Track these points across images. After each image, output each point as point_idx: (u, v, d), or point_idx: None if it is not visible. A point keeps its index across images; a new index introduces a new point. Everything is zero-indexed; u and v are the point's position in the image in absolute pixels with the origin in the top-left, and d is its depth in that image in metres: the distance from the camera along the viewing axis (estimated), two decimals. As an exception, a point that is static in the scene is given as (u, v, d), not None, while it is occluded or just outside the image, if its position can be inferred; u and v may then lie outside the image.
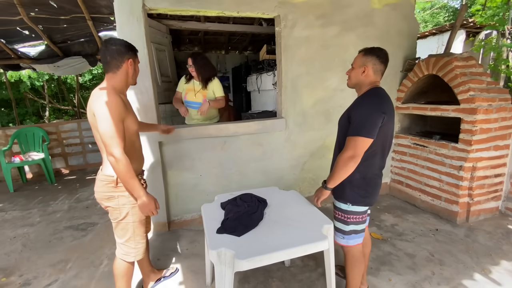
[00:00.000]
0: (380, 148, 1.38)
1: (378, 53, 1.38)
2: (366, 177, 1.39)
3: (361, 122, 1.29)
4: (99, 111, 1.23)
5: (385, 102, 1.35)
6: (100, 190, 1.40)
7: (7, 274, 2.00)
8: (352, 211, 1.43)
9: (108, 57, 1.31)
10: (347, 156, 1.31)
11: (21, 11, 2.87)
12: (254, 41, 4.90)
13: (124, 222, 1.43)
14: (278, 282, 1.85)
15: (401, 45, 3.02)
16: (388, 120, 1.33)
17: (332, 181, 1.39)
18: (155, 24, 3.21)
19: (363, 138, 1.28)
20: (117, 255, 1.51)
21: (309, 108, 2.81)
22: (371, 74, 1.39)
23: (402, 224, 2.57)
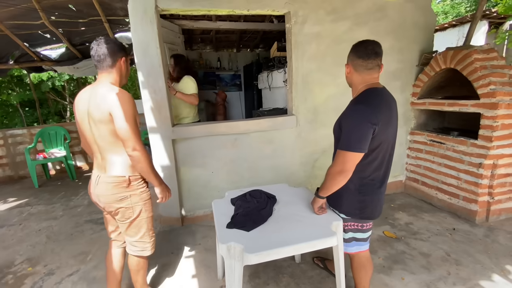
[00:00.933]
0: (377, 157, 1.27)
1: (356, 48, 1.25)
2: (361, 189, 1.30)
3: (350, 135, 1.20)
4: (118, 106, 1.22)
5: (377, 109, 1.20)
6: (109, 193, 1.35)
7: (33, 264, 2.14)
8: (350, 219, 1.38)
9: (101, 55, 1.29)
10: (336, 171, 1.24)
11: (42, 15, 3.01)
12: (265, 38, 4.89)
13: (138, 220, 1.43)
14: (289, 278, 1.86)
15: (417, 38, 2.92)
16: (384, 127, 1.21)
17: (323, 191, 1.35)
18: (168, 24, 3.27)
19: (352, 153, 1.19)
20: (132, 253, 1.51)
21: (320, 104, 2.78)
22: (353, 72, 1.28)
23: (417, 223, 2.51)
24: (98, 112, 1.25)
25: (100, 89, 1.28)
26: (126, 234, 1.47)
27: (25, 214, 3.07)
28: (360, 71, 1.26)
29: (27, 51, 3.73)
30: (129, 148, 1.26)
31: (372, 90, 1.25)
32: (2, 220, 2.96)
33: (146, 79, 2.28)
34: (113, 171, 1.34)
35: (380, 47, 1.25)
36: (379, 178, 1.33)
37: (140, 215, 1.43)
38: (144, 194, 1.42)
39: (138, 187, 1.39)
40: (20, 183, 4.19)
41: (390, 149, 1.33)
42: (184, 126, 2.46)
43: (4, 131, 4.31)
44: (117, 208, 1.38)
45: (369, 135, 1.18)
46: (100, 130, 1.29)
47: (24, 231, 2.69)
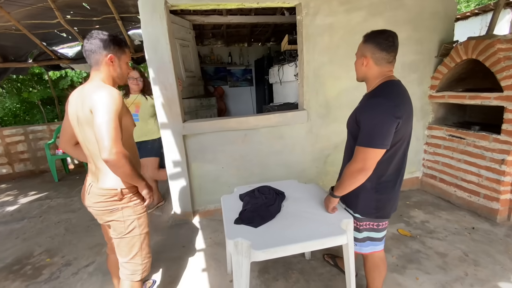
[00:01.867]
0: (396, 153, 1.21)
1: (377, 39, 1.15)
2: (378, 188, 1.24)
3: (372, 130, 1.11)
4: (99, 102, 1.07)
5: (400, 102, 1.14)
6: (99, 205, 1.22)
7: (51, 255, 2.23)
8: (365, 218, 1.33)
9: (87, 51, 1.18)
10: (356, 169, 1.16)
11: (58, 14, 3.09)
12: (276, 31, 4.82)
13: (129, 236, 1.26)
14: (298, 274, 1.85)
15: (436, 28, 2.77)
16: (405, 122, 1.15)
17: (339, 190, 1.28)
18: (178, 20, 3.28)
19: (375, 150, 1.11)
20: (122, 277, 1.33)
21: (332, 99, 2.71)
22: (372, 65, 1.19)
23: (434, 221, 2.42)
24: (82, 112, 1.13)
25: (87, 87, 1.16)
26: (117, 252, 1.31)
27: (45, 207, 3.20)
28: (381, 64, 1.18)
29: (45, 50, 3.85)
30: (103, 151, 1.04)
31: (390, 82, 1.19)
32: (23, 212, 3.11)
33: (156, 75, 2.29)
34: (105, 183, 1.21)
35: (397, 38, 1.19)
36: (397, 176, 1.27)
37: (133, 231, 1.26)
38: (138, 207, 1.28)
39: (131, 199, 1.25)
40: (40, 177, 4.39)
41: (406, 145, 1.26)
42: (194, 122, 2.47)
43: (25, 127, 4.50)
44: (107, 221, 1.26)
45: (392, 130, 1.11)
46: (87, 133, 1.16)
47: (44, 223, 2.81)
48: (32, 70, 6.60)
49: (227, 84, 5.42)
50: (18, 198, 3.56)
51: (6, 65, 3.97)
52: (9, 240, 2.50)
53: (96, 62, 1.20)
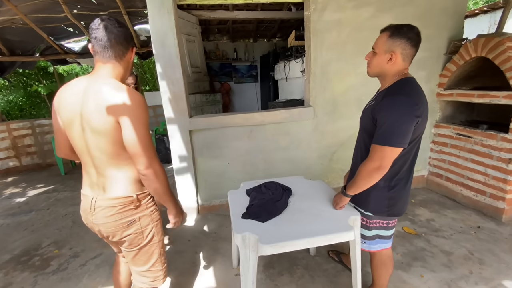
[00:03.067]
0: (410, 152, 1.19)
1: (409, 34, 1.09)
2: (391, 186, 1.23)
3: (391, 129, 1.08)
4: (131, 112, 0.95)
5: (419, 101, 1.10)
6: (113, 220, 1.05)
7: (59, 246, 2.27)
8: (376, 216, 1.32)
9: (111, 40, 0.98)
10: (372, 168, 1.14)
11: (65, 8, 3.10)
12: (283, 27, 4.78)
13: (149, 246, 1.15)
14: (303, 270, 1.86)
15: (445, 25, 2.73)
16: (423, 121, 1.13)
17: (353, 189, 1.26)
18: (185, 15, 3.27)
19: (392, 148, 1.09)
20: (141, 285, 1.23)
21: (339, 95, 2.70)
22: (399, 62, 1.13)
23: (439, 219, 2.41)
24: (100, 118, 0.96)
25: (102, 86, 0.97)
26: (133, 263, 1.18)
27: (52, 200, 3.25)
28: (407, 61, 1.14)
29: (52, 44, 3.87)
30: (141, 165, 0.98)
31: (409, 80, 1.16)
32: (31, 205, 3.15)
33: (164, 70, 2.30)
34: (116, 191, 1.04)
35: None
36: (409, 174, 1.26)
37: (152, 240, 1.15)
38: (155, 214, 1.16)
39: (147, 206, 1.12)
40: (47, 171, 4.44)
41: (420, 139, 1.24)
42: (201, 117, 2.48)
43: (32, 121, 4.55)
44: (123, 237, 1.09)
45: (411, 129, 1.09)
46: (100, 140, 0.99)
47: (51, 215, 2.85)
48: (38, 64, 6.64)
49: (232, 80, 5.41)
50: (25, 190, 3.61)
51: (13, 59, 4.00)
52: (17, 232, 2.55)
53: (119, 54, 1.01)
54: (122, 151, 1.01)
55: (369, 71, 1.25)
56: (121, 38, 1.01)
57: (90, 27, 0.99)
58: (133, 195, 1.06)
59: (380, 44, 1.17)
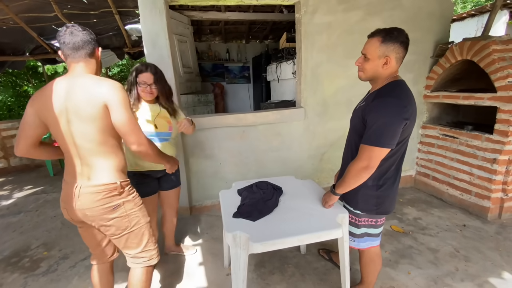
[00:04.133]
0: (398, 152, 1.23)
1: (401, 38, 1.13)
2: (379, 185, 1.26)
3: (380, 130, 1.12)
4: (116, 95, 1.07)
5: (408, 103, 1.14)
6: (97, 204, 1.13)
7: (48, 248, 2.24)
8: (364, 215, 1.36)
9: (79, 41, 1.09)
10: (361, 167, 1.18)
11: (56, 8, 3.06)
12: (275, 29, 4.83)
13: (137, 228, 1.25)
14: (294, 268, 1.89)
15: (432, 29, 2.82)
16: (411, 122, 1.16)
17: (342, 188, 1.30)
18: (177, 15, 3.27)
19: (381, 149, 1.13)
20: (137, 267, 1.31)
21: (329, 97, 2.74)
22: (393, 65, 1.16)
23: (426, 218, 2.48)
24: (88, 107, 1.06)
25: (85, 79, 1.09)
26: (127, 247, 1.27)
27: (41, 201, 3.20)
28: (399, 63, 1.18)
29: (42, 43, 3.81)
30: (134, 144, 1.12)
31: (399, 82, 1.19)
32: (19, 206, 3.10)
33: (155, 71, 2.29)
34: (101, 179, 1.13)
35: None
36: (397, 173, 1.30)
37: (139, 222, 1.25)
38: (137, 199, 1.26)
39: (129, 192, 1.22)
40: (36, 172, 4.36)
41: (408, 140, 1.28)
42: (193, 118, 2.48)
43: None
44: (110, 219, 1.17)
45: (399, 131, 1.13)
46: (87, 129, 1.09)
47: (40, 217, 2.81)
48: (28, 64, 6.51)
49: (224, 80, 5.42)
50: (14, 192, 3.54)
51: (4, 59, 3.93)
52: (6, 233, 2.50)
53: (88, 53, 1.12)
54: (108, 137, 1.13)
55: (362, 75, 1.27)
56: (86, 39, 1.12)
57: (58, 35, 1.10)
58: (117, 182, 1.16)
59: (373, 50, 1.18)
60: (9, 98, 7.29)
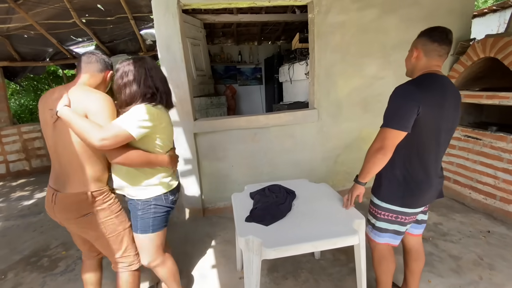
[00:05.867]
0: (429, 144, 1.21)
1: (430, 32, 1.20)
2: (406, 177, 1.25)
3: (390, 112, 1.20)
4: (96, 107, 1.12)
5: (425, 89, 1.15)
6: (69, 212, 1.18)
7: (67, 248, 2.31)
8: (384, 208, 1.31)
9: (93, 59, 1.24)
10: (375, 148, 1.23)
11: (74, 14, 3.17)
12: (287, 30, 4.79)
13: (114, 235, 1.26)
14: (307, 274, 1.85)
15: (452, 26, 2.61)
16: (432, 110, 1.15)
17: (362, 175, 1.31)
18: (190, 19, 3.31)
19: (391, 130, 1.17)
20: (120, 270, 1.35)
21: (344, 97, 2.68)
22: (422, 57, 1.22)
23: (447, 223, 2.37)
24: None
25: (76, 91, 1.16)
26: (106, 252, 1.32)
27: (61, 202, 3.30)
28: (431, 56, 1.21)
29: (61, 49, 3.96)
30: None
31: (428, 74, 1.21)
32: (40, 206, 3.21)
33: (169, 74, 2.32)
34: (74, 188, 1.17)
35: (452, 35, 1.21)
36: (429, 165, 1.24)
37: (117, 229, 1.27)
38: (114, 206, 1.27)
39: (104, 200, 1.23)
40: (56, 173, 4.51)
41: (445, 140, 1.25)
42: (205, 120, 2.50)
43: (42, 124, 4.64)
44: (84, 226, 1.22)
45: (411, 113, 1.14)
46: (66, 137, 1.13)
47: (60, 217, 2.90)
48: (48, 69, 6.80)
49: (236, 82, 5.43)
50: (35, 192, 3.68)
51: (25, 64, 4.11)
52: (27, 233, 2.60)
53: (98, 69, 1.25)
54: (85, 148, 1.16)
55: (406, 71, 1.36)
56: (101, 59, 1.26)
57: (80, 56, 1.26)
58: (88, 192, 1.18)
59: (411, 46, 1.29)
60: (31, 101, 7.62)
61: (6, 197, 3.58)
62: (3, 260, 2.18)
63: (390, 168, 1.26)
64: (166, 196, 1.33)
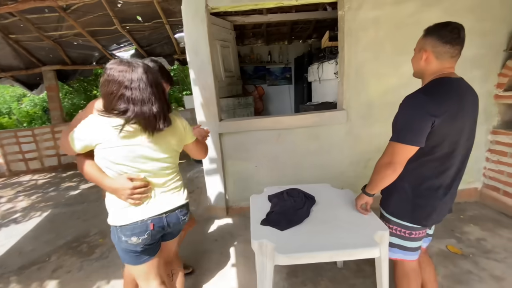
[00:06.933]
0: (440, 157, 1.11)
1: (440, 31, 1.06)
2: (417, 190, 1.16)
3: (402, 125, 1.08)
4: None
5: (441, 98, 1.04)
6: None
7: (103, 236, 2.52)
8: (395, 222, 1.23)
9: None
10: (384, 162, 1.14)
11: (116, 22, 3.44)
12: (318, 27, 4.65)
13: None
14: (328, 282, 1.78)
15: (505, 18, 2.38)
16: (450, 121, 1.04)
17: (370, 186, 1.25)
18: (220, 21, 3.38)
19: (402, 145, 1.07)
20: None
21: (376, 98, 2.52)
22: (433, 60, 1.09)
23: (493, 239, 2.10)
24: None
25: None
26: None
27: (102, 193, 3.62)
28: (443, 59, 1.08)
29: (105, 53, 4.33)
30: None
31: (442, 79, 1.09)
32: (83, 197, 3.56)
33: (196, 76, 2.41)
34: None
35: (465, 32, 1.07)
36: (444, 184, 1.14)
37: None
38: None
39: None
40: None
41: (463, 151, 1.13)
42: (230, 121, 2.54)
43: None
44: None
45: (425, 127, 1.04)
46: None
47: (100, 207, 3.17)
48: (95, 71, 7.49)
49: (265, 82, 5.42)
50: (80, 184, 4.08)
51: (75, 67, 4.58)
52: (72, 220, 2.89)
53: None
54: None
55: (413, 72, 1.24)
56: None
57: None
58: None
59: (417, 44, 1.16)
60: (82, 101, 8.46)
61: (56, 187, 4.03)
62: (50, 244, 2.45)
63: (399, 181, 1.16)
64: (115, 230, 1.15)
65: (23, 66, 4.42)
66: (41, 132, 4.84)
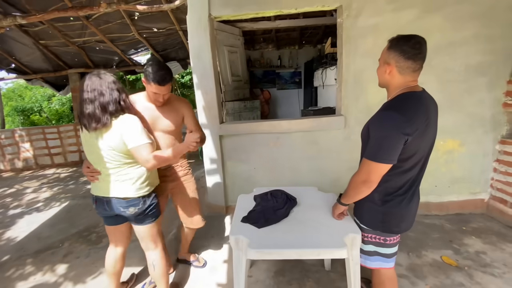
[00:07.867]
0: (408, 168, 1.14)
1: (403, 47, 1.07)
2: (386, 201, 1.19)
3: (378, 144, 1.09)
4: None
5: (413, 116, 1.06)
6: None
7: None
8: (370, 230, 1.26)
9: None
10: (360, 180, 1.16)
11: (133, 29, 3.70)
12: (328, 32, 4.65)
13: None
14: (313, 284, 1.82)
15: (515, 24, 2.30)
16: (419, 137, 1.08)
17: (345, 198, 1.30)
18: (228, 28, 3.52)
19: (378, 164, 1.09)
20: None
21: (375, 105, 2.46)
22: (396, 74, 1.11)
23: (493, 253, 2.03)
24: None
25: None
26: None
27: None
28: (406, 74, 1.10)
29: (124, 58, 4.63)
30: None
31: (409, 94, 1.11)
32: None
33: (199, 81, 2.55)
34: None
35: (426, 44, 1.09)
36: (410, 191, 1.19)
37: None
38: None
39: None
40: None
41: (425, 158, 1.17)
42: (230, 124, 2.65)
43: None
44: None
45: (399, 146, 1.07)
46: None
47: (111, 201, 3.41)
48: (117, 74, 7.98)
49: (275, 86, 5.50)
50: (97, 179, 4.37)
51: (97, 71, 4.92)
52: (85, 212, 3.14)
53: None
54: None
55: (378, 82, 1.27)
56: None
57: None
58: None
59: (381, 56, 1.19)
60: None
61: (76, 180, 4.36)
62: (64, 232, 2.69)
63: (372, 193, 1.19)
64: None
65: (52, 69, 4.85)
66: (65, 129, 5.25)
